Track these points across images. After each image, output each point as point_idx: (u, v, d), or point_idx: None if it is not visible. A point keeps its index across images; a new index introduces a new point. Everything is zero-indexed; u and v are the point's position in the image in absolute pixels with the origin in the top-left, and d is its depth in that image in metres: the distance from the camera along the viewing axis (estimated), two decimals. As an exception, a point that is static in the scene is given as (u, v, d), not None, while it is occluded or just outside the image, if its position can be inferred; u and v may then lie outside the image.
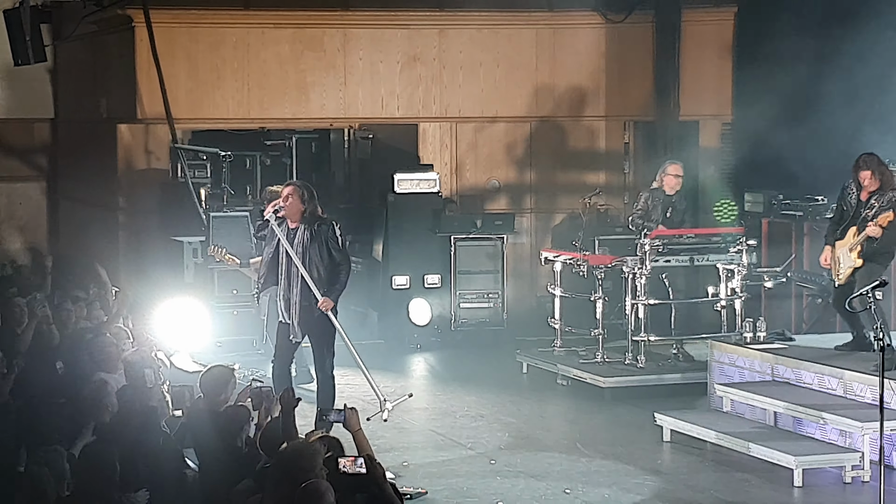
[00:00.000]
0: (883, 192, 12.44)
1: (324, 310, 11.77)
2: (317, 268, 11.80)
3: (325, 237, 11.76)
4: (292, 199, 11.80)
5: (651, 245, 14.34)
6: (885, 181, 12.50)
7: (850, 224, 12.55)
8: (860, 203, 12.55)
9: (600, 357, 14.71)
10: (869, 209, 12.42)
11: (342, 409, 8.13)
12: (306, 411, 13.09)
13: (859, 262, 12.40)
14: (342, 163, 19.99)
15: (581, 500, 10.63)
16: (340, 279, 11.88)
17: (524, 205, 18.96)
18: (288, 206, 11.81)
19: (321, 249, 11.77)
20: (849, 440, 11.47)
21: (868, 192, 12.50)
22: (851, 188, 12.64)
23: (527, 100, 18.96)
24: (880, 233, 12.28)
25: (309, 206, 11.85)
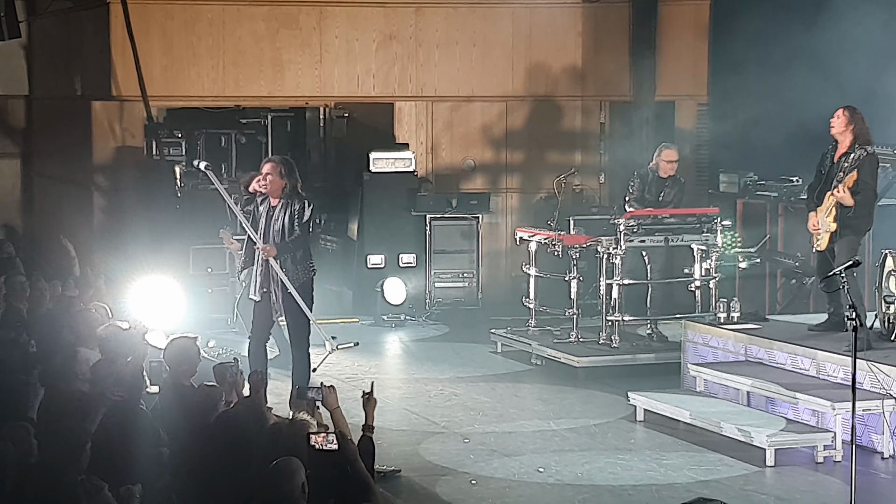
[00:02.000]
0: (853, 150, 12.23)
1: (264, 254, 11.74)
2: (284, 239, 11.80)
3: (296, 211, 11.75)
4: (272, 176, 11.77)
5: (626, 225, 14.36)
6: (858, 134, 12.26)
7: (826, 188, 12.38)
8: (833, 165, 12.39)
9: (574, 337, 14.74)
10: (841, 171, 12.25)
11: (320, 387, 8.13)
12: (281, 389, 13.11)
13: (834, 226, 12.23)
14: (318, 141, 19.97)
15: (554, 479, 10.65)
16: (291, 244, 11.81)
17: (500, 184, 18.95)
18: (269, 184, 11.76)
19: (289, 224, 11.78)
20: (821, 420, 11.52)
21: (840, 153, 12.31)
22: (829, 151, 12.48)
23: (503, 79, 18.93)
24: (851, 200, 12.07)
25: (289, 180, 11.81)
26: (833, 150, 12.44)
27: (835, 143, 12.45)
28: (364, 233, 17.75)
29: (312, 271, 12.08)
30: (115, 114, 17.73)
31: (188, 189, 17.18)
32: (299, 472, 7.04)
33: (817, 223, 12.43)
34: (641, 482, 10.58)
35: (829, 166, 12.42)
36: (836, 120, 12.33)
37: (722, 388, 12.66)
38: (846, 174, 12.17)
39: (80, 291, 12.99)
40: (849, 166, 12.20)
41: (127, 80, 17.53)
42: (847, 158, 12.25)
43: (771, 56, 16.45)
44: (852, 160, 12.22)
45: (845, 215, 12.22)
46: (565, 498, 10.11)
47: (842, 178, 12.18)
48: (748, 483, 10.56)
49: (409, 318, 17.36)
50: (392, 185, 17.66)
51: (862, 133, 12.32)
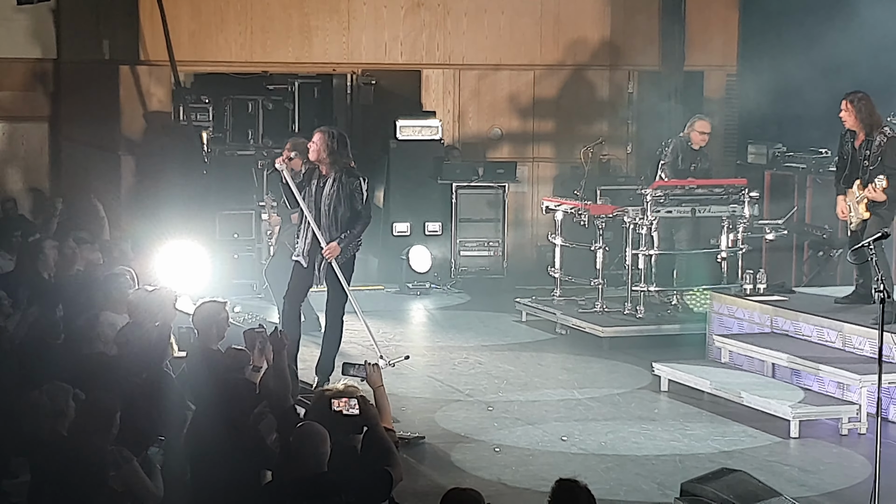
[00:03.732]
0: (872, 135, 12.16)
1: (327, 256, 11.64)
2: (337, 218, 11.64)
3: (350, 189, 11.56)
4: (318, 143, 11.59)
5: (653, 195, 14.33)
6: (863, 121, 12.18)
7: (853, 174, 12.32)
8: (855, 150, 12.32)
9: (599, 307, 14.73)
10: (866, 159, 12.18)
11: (363, 364, 8.16)
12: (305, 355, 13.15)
13: (867, 215, 12.19)
14: (344, 108, 19.95)
15: (578, 448, 10.66)
16: (354, 230, 11.65)
17: (526, 153, 18.91)
18: (312, 148, 11.65)
19: (345, 201, 11.57)
20: (846, 393, 11.49)
21: (861, 140, 12.23)
22: (848, 135, 12.43)
23: (531, 48, 18.87)
24: (883, 196, 12.01)
25: (336, 154, 11.57)
26: (852, 136, 12.36)
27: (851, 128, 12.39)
28: (390, 200, 17.74)
29: (359, 245, 11.97)
30: (143, 78, 17.73)
31: (215, 155, 17.20)
32: (326, 440, 7.07)
33: (846, 209, 12.38)
34: (665, 452, 10.59)
35: (852, 152, 12.35)
36: (844, 113, 12.27)
37: (747, 360, 12.64)
38: (872, 162, 12.11)
39: (108, 255, 13.02)
40: (872, 154, 12.15)
41: (155, 44, 17.53)
42: (869, 146, 12.18)
43: (801, 26, 16.35)
44: (875, 147, 12.15)
45: (878, 206, 12.15)
46: (588, 467, 10.12)
47: (868, 167, 12.12)
48: (772, 454, 10.55)
49: (434, 286, 17.36)
50: (418, 153, 17.64)
51: (869, 120, 12.23)
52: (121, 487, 7.46)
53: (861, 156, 12.24)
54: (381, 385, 8.06)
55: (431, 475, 9.92)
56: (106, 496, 7.40)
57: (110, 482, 7.43)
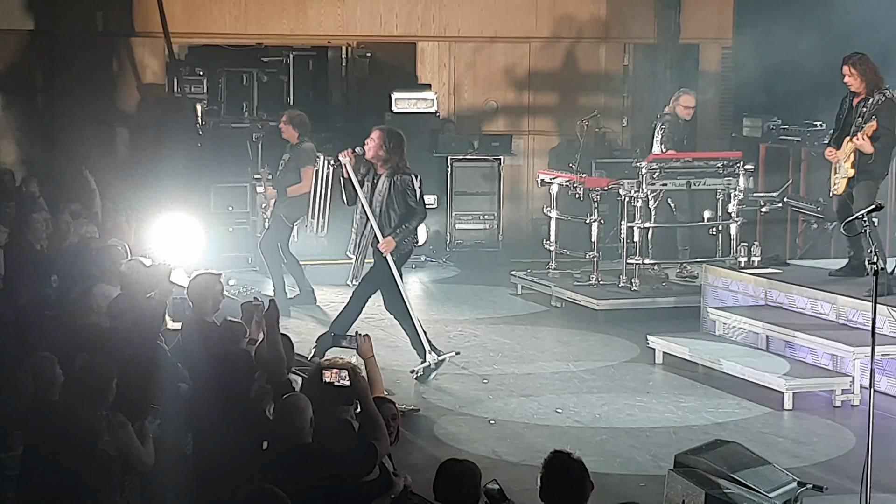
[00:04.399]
0: (870, 95, 12.18)
1: (383, 250, 11.59)
2: (391, 216, 11.58)
3: (403, 186, 11.51)
4: (374, 142, 11.54)
5: (648, 168, 14.33)
6: (869, 81, 12.19)
7: (845, 132, 12.34)
8: (851, 109, 12.34)
9: (594, 280, 14.73)
10: (860, 116, 12.19)
11: (355, 335, 8.16)
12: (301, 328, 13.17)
13: (852, 172, 12.17)
14: (339, 81, 19.90)
15: (572, 420, 10.68)
16: (409, 225, 11.60)
17: (522, 126, 18.90)
18: (369, 145, 11.59)
19: (398, 198, 11.52)
20: (840, 365, 11.51)
21: (859, 98, 12.25)
22: (848, 96, 12.42)
23: (526, 20, 18.84)
24: (870, 147, 12.04)
25: (391, 153, 11.54)
26: (852, 96, 12.37)
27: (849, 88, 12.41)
28: (385, 173, 17.69)
29: (415, 243, 11.99)
30: (137, 50, 17.70)
31: (209, 127, 17.17)
32: (306, 410, 7.08)
33: (833, 154, 12.37)
34: (659, 424, 10.61)
35: (848, 111, 12.36)
36: (849, 78, 12.25)
37: (741, 332, 12.65)
38: (865, 120, 12.12)
39: (101, 227, 13.01)
40: (867, 111, 12.14)
41: (149, 16, 17.48)
42: (865, 104, 12.19)
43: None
44: (871, 105, 12.15)
45: (864, 161, 12.16)
46: (583, 439, 10.14)
47: (860, 124, 12.13)
48: (765, 426, 10.58)
49: (430, 259, 17.37)
50: (414, 125, 17.56)
51: (874, 79, 12.23)
52: (114, 451, 7.48)
53: (857, 114, 12.25)
54: (371, 356, 8.07)
55: (426, 447, 9.95)
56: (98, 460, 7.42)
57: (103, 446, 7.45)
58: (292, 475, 6.85)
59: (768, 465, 8.29)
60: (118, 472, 7.55)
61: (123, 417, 7.60)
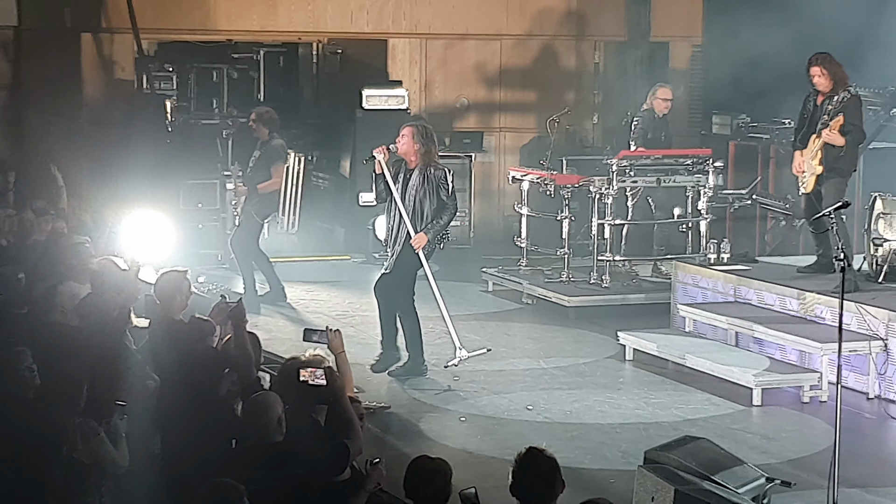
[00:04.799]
0: (835, 92, 12.22)
1: (415, 246, 11.55)
2: (424, 210, 11.53)
3: (437, 182, 11.49)
4: (406, 137, 11.54)
5: (618, 165, 14.36)
6: (837, 80, 12.24)
7: (811, 131, 12.38)
8: (816, 108, 12.38)
9: (565, 276, 14.75)
10: (826, 114, 12.23)
11: (325, 330, 8.16)
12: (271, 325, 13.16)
13: (820, 169, 12.22)
14: (310, 78, 19.89)
15: (543, 417, 10.70)
16: (440, 220, 11.55)
17: (493, 123, 18.91)
18: (400, 143, 11.59)
19: (431, 193, 11.49)
20: (808, 361, 11.57)
21: (823, 96, 12.29)
22: (811, 96, 12.48)
23: (497, 17, 18.84)
24: (841, 140, 12.09)
25: (424, 147, 11.54)
26: (816, 94, 12.41)
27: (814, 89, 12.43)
28: (356, 170, 17.67)
29: (446, 238, 11.86)
30: (106, 46, 17.63)
31: (179, 124, 17.12)
32: (274, 407, 7.06)
33: (802, 164, 12.43)
34: (629, 420, 10.64)
35: (813, 110, 12.40)
36: (819, 78, 12.27)
37: (710, 329, 12.70)
38: (831, 117, 12.16)
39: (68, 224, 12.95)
40: (833, 108, 12.19)
41: (117, 12, 17.40)
42: (830, 101, 12.24)
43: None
44: (836, 102, 12.20)
45: (832, 156, 12.21)
46: (554, 435, 10.15)
47: (827, 122, 12.17)
48: (735, 422, 10.63)
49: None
50: (385, 122, 17.50)
51: (841, 77, 12.30)
52: (88, 460, 7.45)
53: (822, 111, 12.29)
54: (342, 351, 8.06)
55: (397, 445, 9.95)
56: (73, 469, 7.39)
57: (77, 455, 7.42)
58: (262, 473, 6.84)
59: (737, 462, 8.33)
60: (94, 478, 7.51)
61: (96, 424, 7.55)
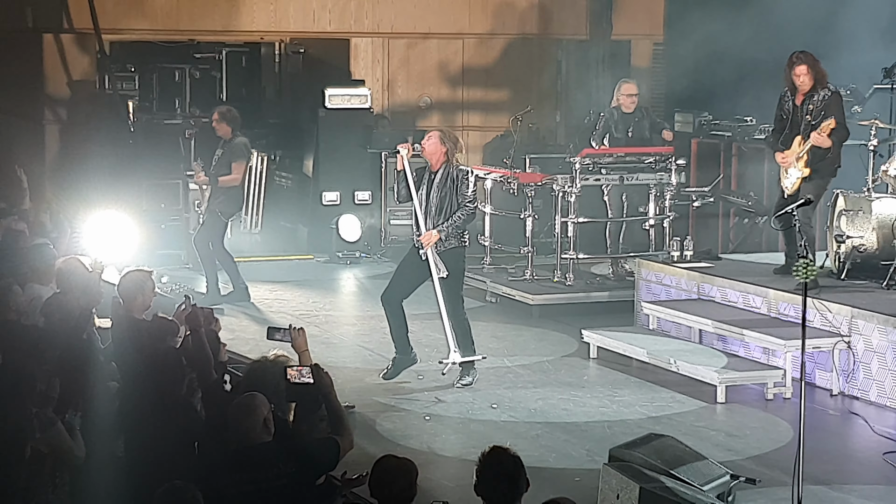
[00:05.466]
0: (815, 91, 12.05)
1: (424, 243, 11.49)
2: (443, 209, 11.46)
3: (458, 181, 11.47)
4: (433, 139, 11.55)
5: (581, 163, 14.38)
6: (818, 78, 12.06)
7: (793, 133, 12.20)
8: (796, 108, 12.20)
9: (529, 275, 14.77)
10: (808, 114, 12.07)
11: (288, 328, 8.15)
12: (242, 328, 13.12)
13: (807, 171, 12.06)
14: (273, 77, 19.86)
15: (508, 415, 10.71)
16: (455, 219, 11.43)
17: (455, 122, 18.91)
18: (427, 144, 11.57)
19: (454, 194, 11.45)
20: (771, 358, 11.61)
21: (802, 95, 12.11)
22: (787, 95, 12.29)
23: (460, 16, 18.86)
24: (829, 143, 11.93)
25: (452, 147, 11.56)
26: (792, 93, 12.26)
27: (790, 89, 12.26)
28: (319, 170, 17.69)
29: (463, 241, 11.62)
30: (68, 47, 17.56)
31: (141, 124, 17.07)
32: (259, 409, 7.06)
33: (785, 158, 12.20)
34: (594, 418, 10.66)
35: (792, 110, 12.23)
36: (804, 77, 12.03)
37: (674, 326, 12.73)
38: (814, 116, 12.02)
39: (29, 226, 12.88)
40: (815, 108, 12.04)
41: (79, 12, 17.34)
42: (811, 100, 12.08)
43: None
44: (817, 101, 12.05)
45: (818, 158, 12.06)
46: (518, 434, 10.16)
47: (811, 122, 12.02)
48: (699, 419, 10.65)
49: (364, 255, 17.35)
50: (348, 121, 17.58)
51: (823, 75, 12.13)
52: (46, 448, 7.45)
53: (804, 111, 12.12)
54: (306, 350, 8.06)
55: (361, 444, 9.90)
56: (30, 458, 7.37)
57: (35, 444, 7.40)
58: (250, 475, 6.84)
59: (702, 459, 8.37)
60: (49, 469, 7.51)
61: (53, 414, 7.55)
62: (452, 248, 11.54)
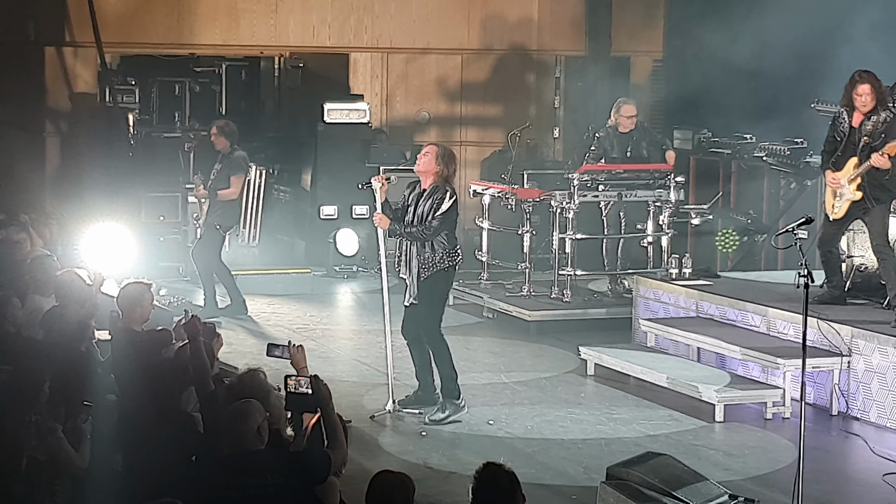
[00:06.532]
0: (876, 112, 11.63)
1: (375, 222, 11.21)
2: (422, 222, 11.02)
3: (435, 203, 10.97)
4: (429, 156, 11.06)
5: (580, 180, 14.39)
6: (880, 99, 11.62)
7: (848, 154, 11.75)
8: (853, 130, 11.74)
9: (526, 291, 14.77)
10: (867, 135, 11.64)
11: (287, 345, 8.15)
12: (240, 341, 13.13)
13: (858, 196, 11.70)
14: (272, 91, 19.88)
15: (504, 432, 10.70)
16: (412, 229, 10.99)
17: (454, 137, 18.92)
18: (421, 160, 11.13)
19: (429, 212, 10.98)
20: (770, 377, 11.60)
21: (861, 115, 11.66)
22: (843, 115, 11.79)
23: (459, 32, 18.89)
24: (889, 164, 11.49)
25: (444, 169, 11.04)
26: (849, 114, 11.77)
27: (846, 108, 11.81)
28: (317, 183, 17.70)
29: (446, 264, 11.08)
30: (69, 60, 17.58)
31: (141, 137, 17.08)
32: (254, 416, 7.05)
33: (835, 179, 11.79)
34: (591, 436, 10.64)
35: (849, 131, 11.75)
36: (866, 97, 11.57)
37: (672, 344, 12.73)
38: (874, 138, 11.59)
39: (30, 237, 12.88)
40: (875, 129, 11.60)
41: (81, 25, 17.36)
42: (870, 121, 11.64)
43: (728, 12, 16.46)
44: (878, 123, 11.61)
45: (876, 182, 11.64)
46: (515, 451, 10.15)
47: (869, 143, 11.60)
48: (697, 438, 10.64)
49: (362, 269, 17.34)
50: (346, 136, 17.60)
51: (883, 95, 11.69)
52: (42, 456, 7.44)
53: (861, 132, 11.69)
54: (304, 366, 8.07)
55: (358, 459, 9.89)
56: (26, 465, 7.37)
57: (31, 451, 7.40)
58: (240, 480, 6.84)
59: (700, 478, 8.35)
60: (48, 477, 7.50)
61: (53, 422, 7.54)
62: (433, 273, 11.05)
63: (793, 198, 15.36)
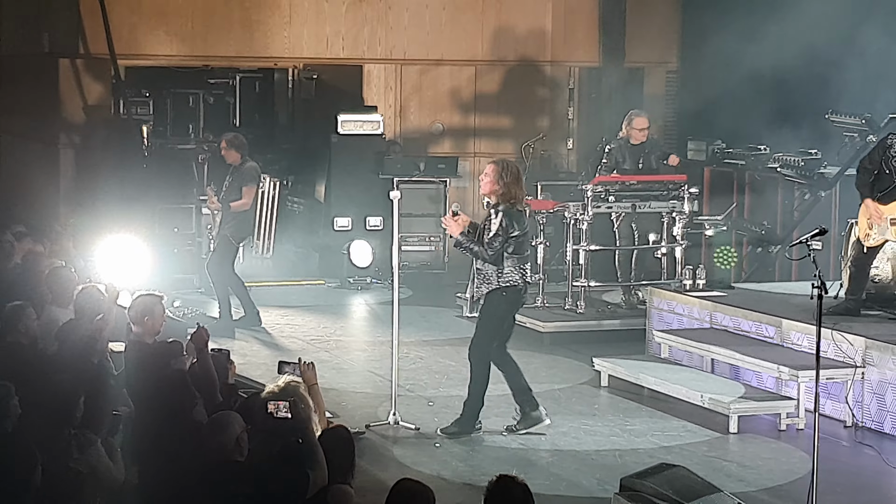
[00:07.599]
0: None
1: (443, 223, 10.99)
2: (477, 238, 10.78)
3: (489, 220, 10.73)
4: (489, 177, 10.75)
5: (593, 191, 14.38)
6: None
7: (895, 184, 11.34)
8: None
9: (540, 302, 14.76)
10: None
11: (297, 362, 8.16)
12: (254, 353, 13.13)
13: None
14: (286, 103, 19.91)
15: (518, 443, 10.69)
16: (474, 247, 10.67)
17: (467, 148, 18.94)
18: (483, 182, 10.86)
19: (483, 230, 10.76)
20: (784, 388, 11.58)
21: None
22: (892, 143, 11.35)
23: (472, 43, 18.91)
24: None
25: (504, 188, 10.63)
26: None
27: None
28: (331, 195, 17.71)
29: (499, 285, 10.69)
30: (83, 72, 17.63)
31: (155, 148, 17.12)
32: (232, 427, 7.07)
33: (879, 212, 11.47)
34: (604, 447, 10.63)
35: None
36: None
37: (686, 355, 12.71)
38: None
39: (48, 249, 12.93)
40: None
41: (95, 37, 17.41)
42: None
43: (743, 23, 16.46)
44: None
45: None
46: (529, 461, 10.15)
47: None
48: (711, 449, 10.62)
49: (375, 280, 17.35)
50: (360, 147, 17.61)
51: None
52: (85, 469, 7.45)
53: None
54: (315, 383, 8.08)
55: (371, 470, 9.91)
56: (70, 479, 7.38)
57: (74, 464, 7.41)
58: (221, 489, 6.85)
59: (714, 490, 8.32)
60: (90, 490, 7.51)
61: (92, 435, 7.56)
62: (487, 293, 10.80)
63: (807, 209, 15.34)
